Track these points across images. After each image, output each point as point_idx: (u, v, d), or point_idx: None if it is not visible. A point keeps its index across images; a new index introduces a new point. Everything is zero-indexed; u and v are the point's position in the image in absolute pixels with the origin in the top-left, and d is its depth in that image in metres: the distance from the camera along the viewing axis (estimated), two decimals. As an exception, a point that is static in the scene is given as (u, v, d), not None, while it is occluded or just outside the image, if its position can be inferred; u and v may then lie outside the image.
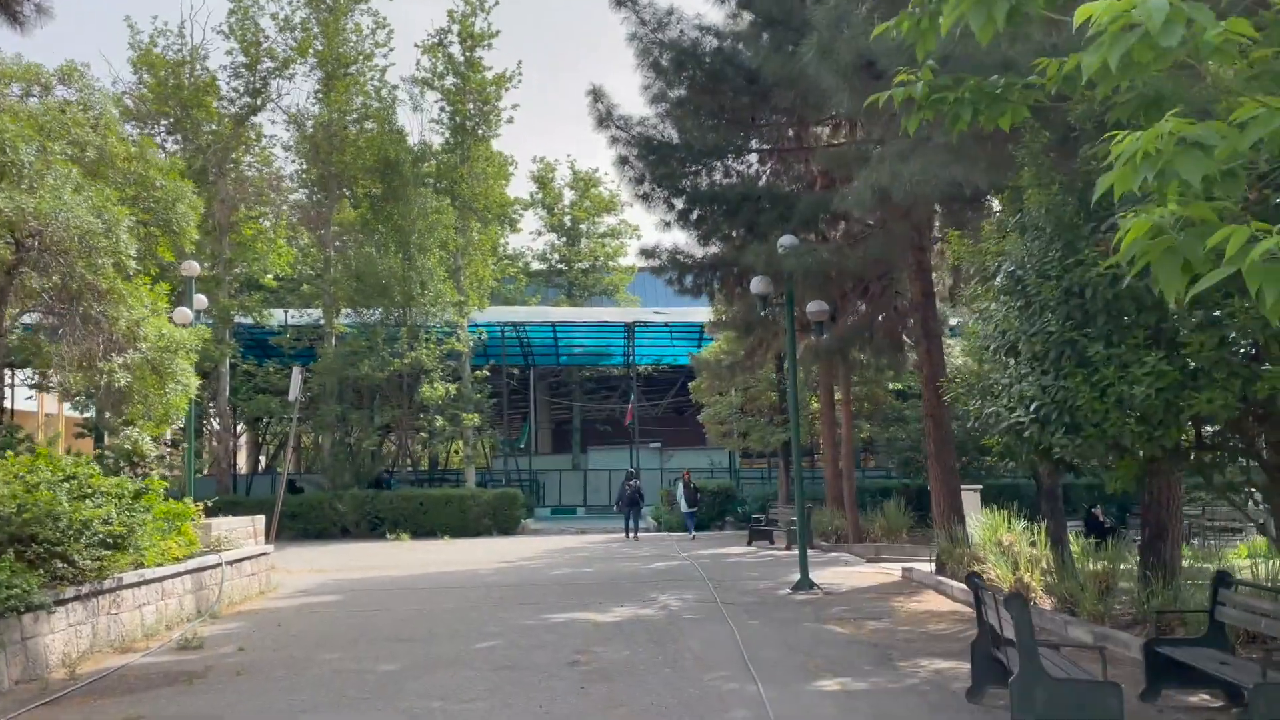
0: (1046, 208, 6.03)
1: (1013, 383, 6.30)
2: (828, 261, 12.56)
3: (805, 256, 12.71)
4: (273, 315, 32.75)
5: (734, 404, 27.78)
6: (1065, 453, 5.80)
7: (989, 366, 7.26)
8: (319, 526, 29.24)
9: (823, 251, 12.75)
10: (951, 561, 14.46)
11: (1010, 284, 6.41)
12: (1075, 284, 5.82)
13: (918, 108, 4.70)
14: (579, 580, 16.04)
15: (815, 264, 12.55)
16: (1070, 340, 5.76)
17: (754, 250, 13.53)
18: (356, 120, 31.98)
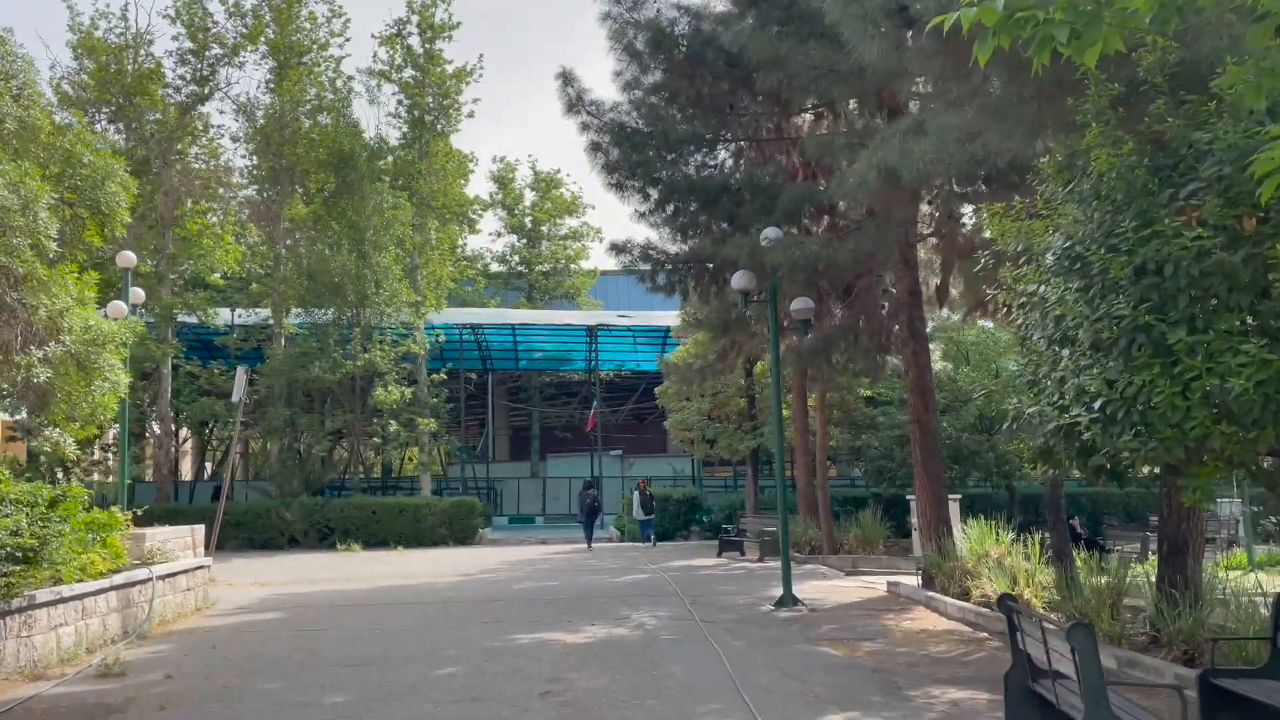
0: (1117, 171, 5.21)
1: (1067, 376, 5.44)
2: (816, 255, 11.72)
3: (792, 249, 11.86)
4: (218, 315, 31.25)
5: (702, 410, 26.90)
6: (1135, 458, 4.97)
7: (1026, 361, 6.41)
8: (265, 536, 27.84)
9: (811, 244, 11.91)
10: (941, 575, 13.66)
11: (1066, 263, 5.57)
12: (1151, 259, 4.99)
13: (992, 33, 3.82)
14: (544, 595, 15.01)
15: (803, 257, 11.70)
16: (1144, 326, 4.93)
17: (736, 243, 12.65)
18: (310, 112, 30.65)
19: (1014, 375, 8.41)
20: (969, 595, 13.08)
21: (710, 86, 15.46)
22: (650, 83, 15.65)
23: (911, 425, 15.02)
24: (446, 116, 32.69)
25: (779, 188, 13.68)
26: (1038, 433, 6.13)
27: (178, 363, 30.07)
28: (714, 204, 14.21)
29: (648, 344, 38.99)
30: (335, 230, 30.00)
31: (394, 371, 29.53)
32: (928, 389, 14.92)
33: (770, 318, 13.17)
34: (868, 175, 8.78)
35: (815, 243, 11.97)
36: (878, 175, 8.72)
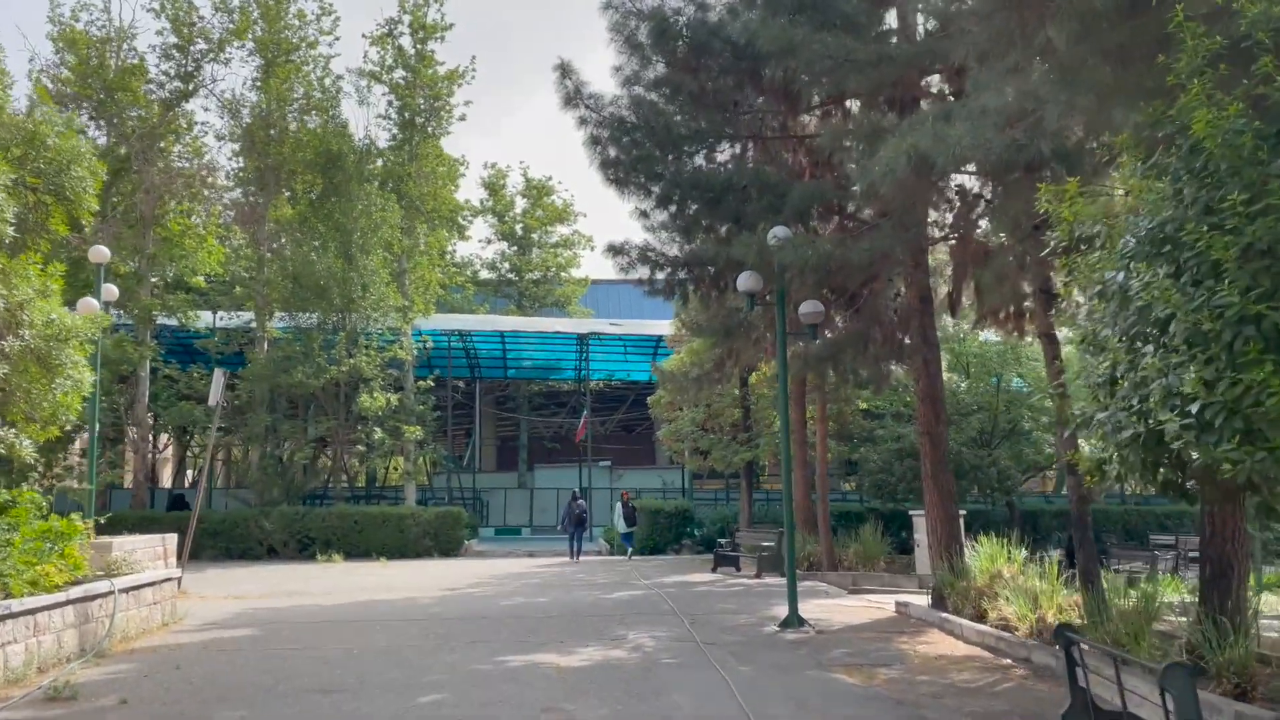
0: (1222, 137, 4.52)
1: (1152, 376, 4.73)
2: (829, 254, 11.02)
3: (803, 249, 11.16)
4: (199, 317, 30.36)
5: (696, 420, 26.16)
6: (1239, 471, 4.27)
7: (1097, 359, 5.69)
8: (243, 546, 26.93)
9: (824, 244, 11.22)
10: (954, 596, 12.93)
11: (1149, 246, 4.87)
12: (1261, 238, 4.30)
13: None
14: (534, 612, 14.20)
15: (815, 257, 11.00)
16: (1253, 316, 4.22)
17: (744, 241, 11.94)
18: (297, 111, 29.89)
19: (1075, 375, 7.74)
20: (985, 617, 12.36)
21: (715, 81, 14.78)
22: (652, 77, 14.96)
23: (921, 437, 14.32)
24: (437, 118, 31.97)
25: (787, 185, 12.99)
26: (1109, 441, 5.41)
27: (156, 366, 29.15)
28: (719, 202, 13.50)
29: (639, 353, 38.28)
30: (321, 232, 29.21)
31: (380, 378, 28.71)
32: (938, 399, 14.22)
33: (779, 321, 12.46)
34: (896, 163, 8.09)
35: (828, 242, 11.29)
36: (907, 163, 8.03)
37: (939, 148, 7.76)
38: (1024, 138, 7.41)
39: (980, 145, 7.56)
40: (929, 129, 7.99)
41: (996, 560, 13.77)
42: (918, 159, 7.99)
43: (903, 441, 23.79)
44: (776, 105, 14.81)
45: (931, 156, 7.85)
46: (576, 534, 26.28)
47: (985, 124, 7.62)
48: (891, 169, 8.22)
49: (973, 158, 7.64)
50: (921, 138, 7.96)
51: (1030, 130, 7.47)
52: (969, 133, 7.59)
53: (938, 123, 7.97)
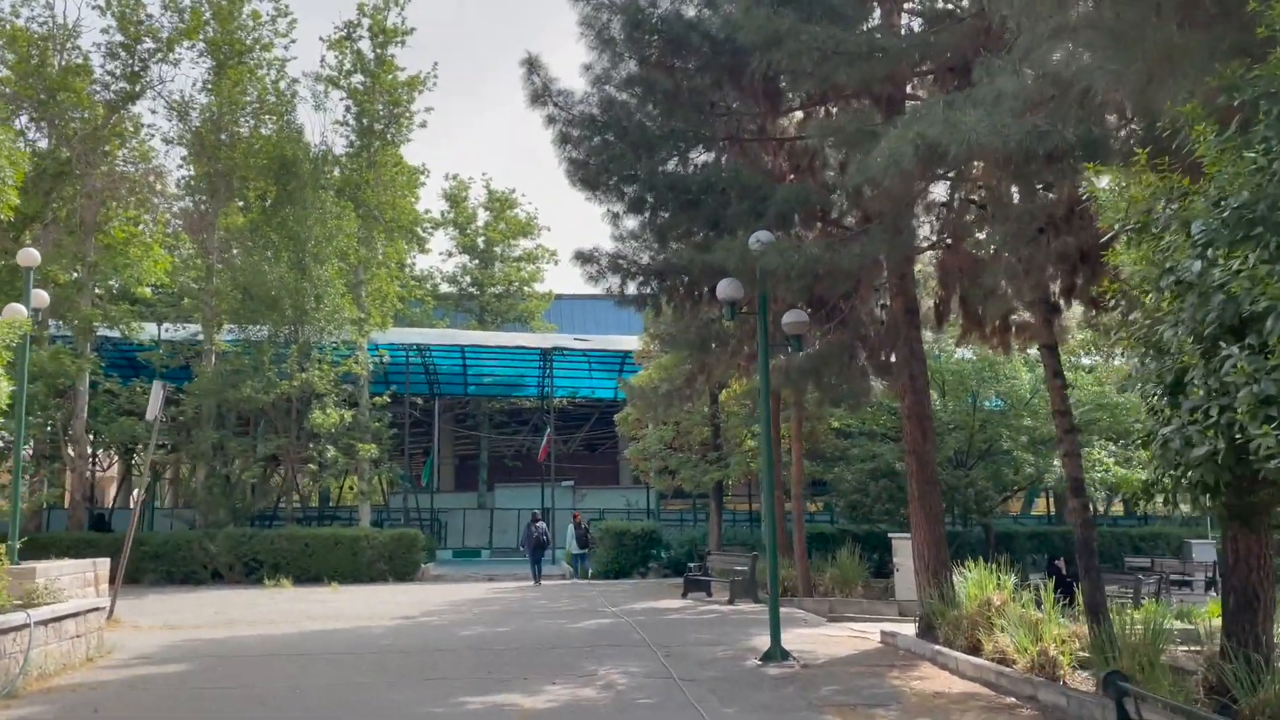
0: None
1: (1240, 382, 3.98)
2: (817, 259, 10.25)
3: (790, 253, 10.38)
4: (143, 329, 28.98)
5: (663, 439, 25.28)
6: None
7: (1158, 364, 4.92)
8: (186, 570, 25.55)
9: (811, 248, 10.46)
10: (945, 625, 12.15)
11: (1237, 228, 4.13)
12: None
13: None
14: (494, 643, 13.20)
15: (802, 262, 10.22)
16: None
17: (725, 246, 11.14)
18: (250, 115, 28.73)
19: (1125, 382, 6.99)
20: (979, 649, 11.59)
21: (691, 79, 14.03)
22: (624, 75, 14.16)
23: (907, 457, 13.58)
24: (397, 125, 30.97)
25: (770, 188, 12.23)
26: (1173, 460, 4.64)
27: (96, 380, 27.70)
28: (696, 205, 12.71)
29: (604, 370, 37.37)
30: (274, 241, 28.00)
31: (333, 393, 27.51)
32: (925, 416, 13.51)
33: (760, 330, 11.65)
34: (901, 153, 7.32)
35: (816, 246, 10.53)
36: (914, 152, 7.28)
37: (951, 135, 7.01)
38: (1046, 124, 6.70)
39: (998, 132, 6.82)
40: (939, 116, 7.24)
41: (985, 587, 13.04)
42: (925, 149, 7.24)
43: (877, 461, 23.14)
44: (755, 106, 14.08)
45: (942, 145, 7.09)
46: (537, 557, 25.97)
47: (1001, 110, 6.91)
48: (895, 160, 7.46)
49: (990, 146, 6.91)
50: (929, 126, 7.21)
51: (1052, 116, 6.77)
52: (984, 119, 6.87)
53: (948, 110, 7.24)
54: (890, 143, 7.59)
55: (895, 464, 22.09)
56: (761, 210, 12.04)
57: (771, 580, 11.85)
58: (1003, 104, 6.99)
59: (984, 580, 13.18)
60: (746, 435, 25.12)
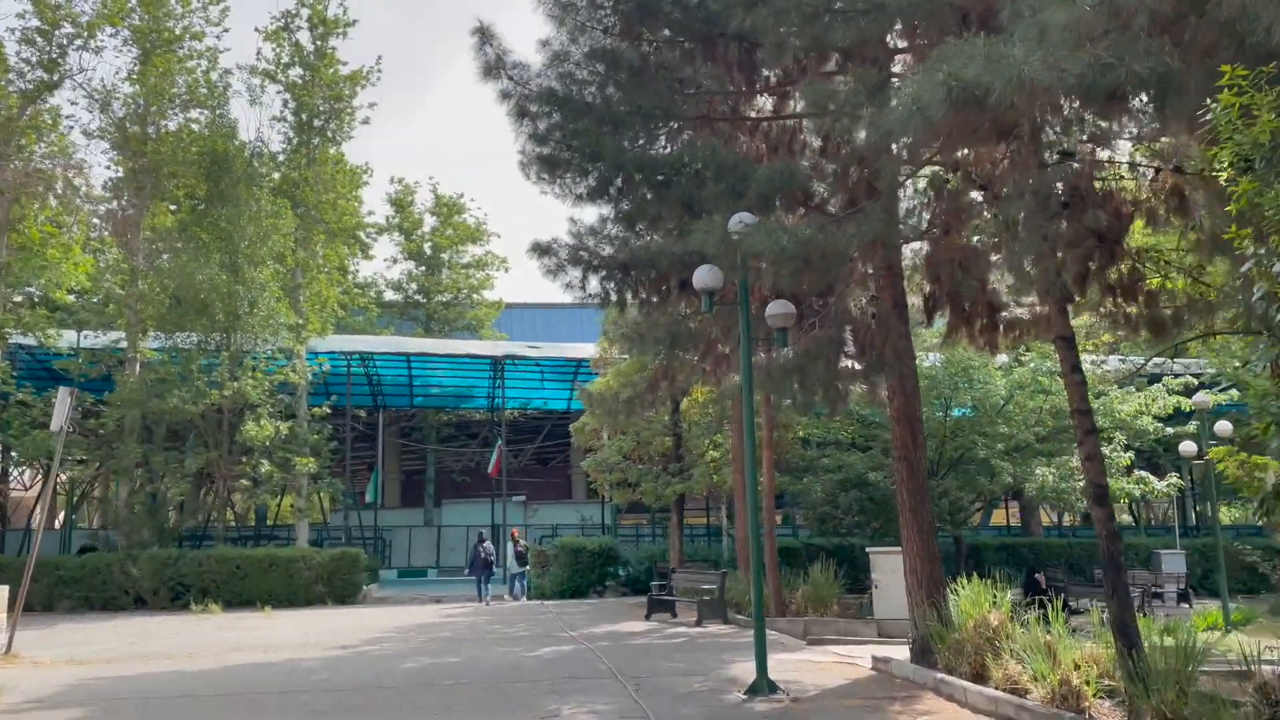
0: None
1: None
2: (808, 241, 9.07)
3: (778, 234, 9.18)
4: (61, 336, 26.94)
5: (622, 449, 23.97)
6: None
7: None
8: (106, 595, 23.63)
9: (802, 229, 9.27)
10: (945, 650, 10.98)
11: None
12: None
13: None
14: (444, 677, 11.74)
15: (793, 244, 9.02)
16: None
17: (703, 228, 9.89)
18: (178, 107, 26.94)
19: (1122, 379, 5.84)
20: (985, 676, 10.44)
21: (659, 53, 12.85)
22: (587, 49, 12.90)
23: (896, 464, 12.45)
24: (339, 119, 29.36)
25: (750, 167, 11.04)
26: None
27: (7, 390, 25.60)
28: (668, 186, 11.48)
29: (556, 380, 35.96)
30: (204, 242, 26.19)
31: (268, 404, 25.77)
32: (916, 419, 12.39)
33: (742, 321, 10.42)
34: (928, 99, 6.14)
35: (808, 227, 9.34)
36: (946, 95, 6.12)
37: (995, 72, 5.85)
38: (1110, 56, 5.61)
39: (1052, 67, 5.70)
40: (978, 52, 6.08)
41: (981, 605, 11.95)
42: (960, 91, 6.09)
43: (846, 471, 22.08)
44: (729, 82, 12.92)
45: (982, 85, 5.94)
46: (485, 577, 25.13)
47: (1050, 45, 5.80)
48: (921, 108, 6.30)
49: (1044, 82, 5.77)
50: (965, 65, 6.06)
51: (1114, 49, 5.67)
52: (1034, 52, 5.73)
53: (990, 45, 6.10)
54: (914, 88, 6.43)
55: (867, 474, 21.06)
56: (741, 190, 10.84)
57: (756, 604, 10.58)
58: (1050, 38, 5.89)
59: (979, 598, 12.10)
60: (709, 446, 23.94)
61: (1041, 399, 21.50)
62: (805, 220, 11.36)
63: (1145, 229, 9.99)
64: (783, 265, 9.21)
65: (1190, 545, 28.41)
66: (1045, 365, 20.38)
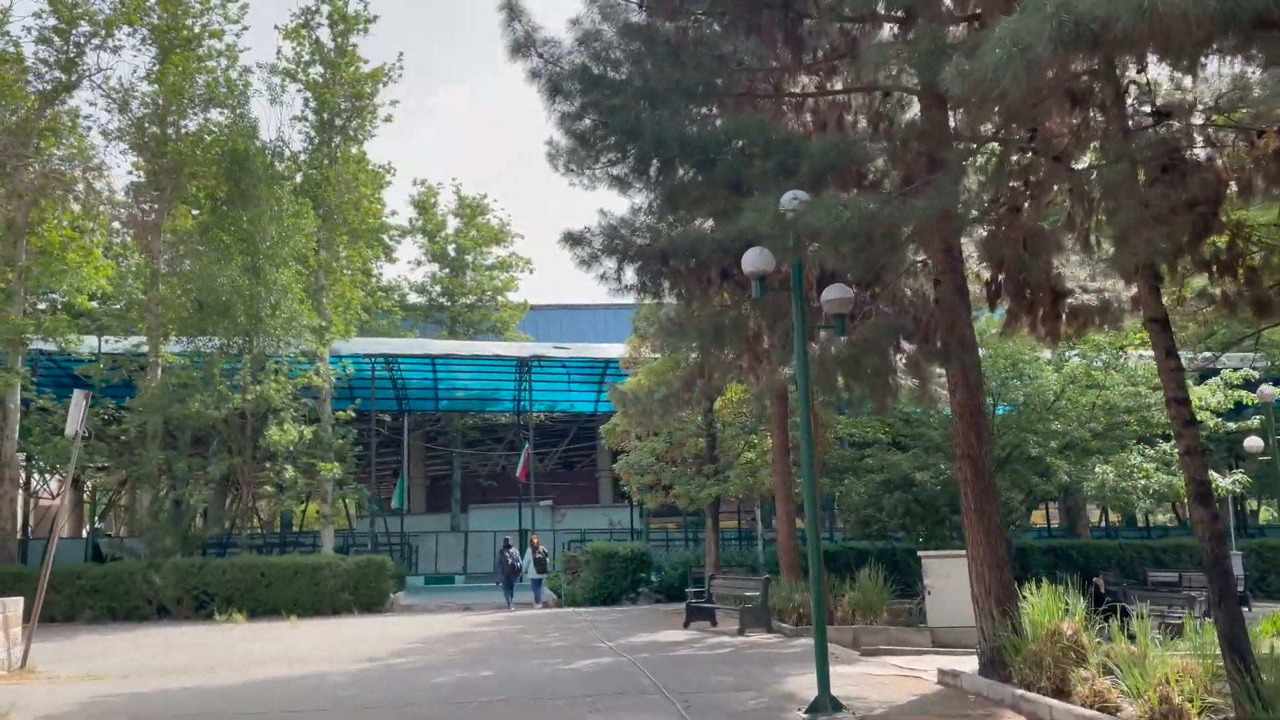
0: None
1: None
2: (873, 217, 8.24)
3: (839, 210, 8.35)
4: (82, 341, 26.48)
5: (655, 451, 23.18)
6: None
7: None
8: (129, 605, 23.04)
9: (865, 203, 8.43)
10: (1022, 663, 10.10)
11: None
12: None
13: None
14: (477, 693, 10.99)
15: (857, 220, 8.20)
16: None
17: (755, 205, 9.07)
18: (198, 107, 26.43)
19: None
20: (1066, 691, 9.58)
21: (698, 28, 12.08)
22: (620, 25, 12.14)
23: (959, 463, 11.58)
24: (360, 118, 28.76)
25: (802, 143, 10.24)
26: None
27: (28, 396, 25.16)
28: (712, 164, 10.69)
29: (584, 382, 35.23)
30: (225, 243, 25.65)
31: (292, 408, 25.17)
32: (980, 414, 11.54)
33: (795, 307, 9.58)
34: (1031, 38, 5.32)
35: (871, 201, 8.51)
36: (1055, 33, 5.27)
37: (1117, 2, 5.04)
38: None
39: (1182, -1, 4.88)
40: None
41: (1052, 613, 11.08)
42: (1072, 26, 5.24)
43: (890, 471, 21.17)
44: (774, 59, 12.11)
45: (1100, 18, 5.12)
46: (509, 583, 24.92)
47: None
48: (1022, 49, 5.46)
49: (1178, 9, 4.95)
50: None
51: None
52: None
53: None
54: (1014, 27, 5.60)
55: (913, 474, 20.14)
56: (793, 167, 10.03)
57: (817, 612, 9.74)
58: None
59: (1050, 606, 11.23)
60: (745, 447, 23.11)
61: (1094, 394, 20.51)
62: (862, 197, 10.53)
63: (1238, 200, 9.09)
64: (843, 243, 8.39)
65: (1246, 546, 27.24)
66: (1102, 358, 19.41)
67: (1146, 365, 21.10)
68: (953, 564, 16.31)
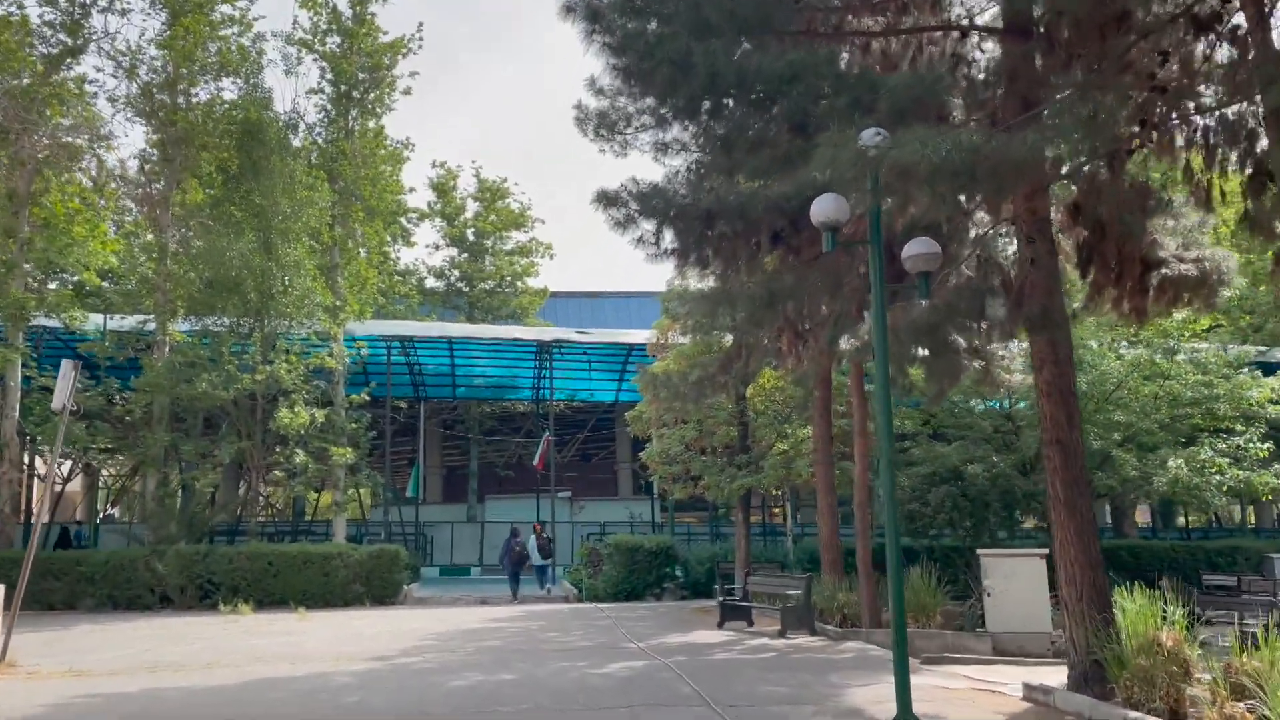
0: None
1: None
2: (978, 152, 6.93)
3: (937, 144, 7.04)
4: (87, 318, 25.41)
5: (684, 439, 21.88)
6: None
7: None
8: (130, 594, 21.98)
9: (967, 135, 7.13)
10: (1130, 679, 8.75)
11: None
12: None
13: None
14: (498, 704, 9.74)
15: (959, 156, 6.89)
16: None
17: (832, 143, 7.74)
18: (210, 75, 25.28)
19: None
20: (1183, 714, 8.26)
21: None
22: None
23: (1047, 449, 10.22)
24: (378, 89, 27.53)
25: (879, 78, 8.92)
26: None
27: (29, 374, 24.10)
28: (773, 102, 9.38)
29: (605, 369, 33.97)
30: (236, 217, 24.49)
31: (303, 390, 24.02)
32: (1070, 393, 10.19)
33: (873, 261, 8.24)
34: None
35: (975, 134, 7.20)
36: None
37: None
38: None
39: None
40: None
41: (1148, 622, 9.74)
42: None
43: (936, 464, 19.78)
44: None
45: None
46: (516, 573, 24.46)
47: None
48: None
49: None
50: None
51: None
52: None
53: None
54: None
55: (963, 467, 18.77)
56: (869, 104, 8.72)
57: (897, 615, 8.40)
58: None
59: (1147, 613, 9.89)
60: (778, 437, 21.78)
61: (1156, 384, 19.07)
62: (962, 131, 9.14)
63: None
64: (941, 181, 7.07)
65: (1303, 550, 25.67)
66: (1172, 342, 17.99)
67: (1217, 355, 19.64)
68: (1014, 563, 14.98)
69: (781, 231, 11.51)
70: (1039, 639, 14.27)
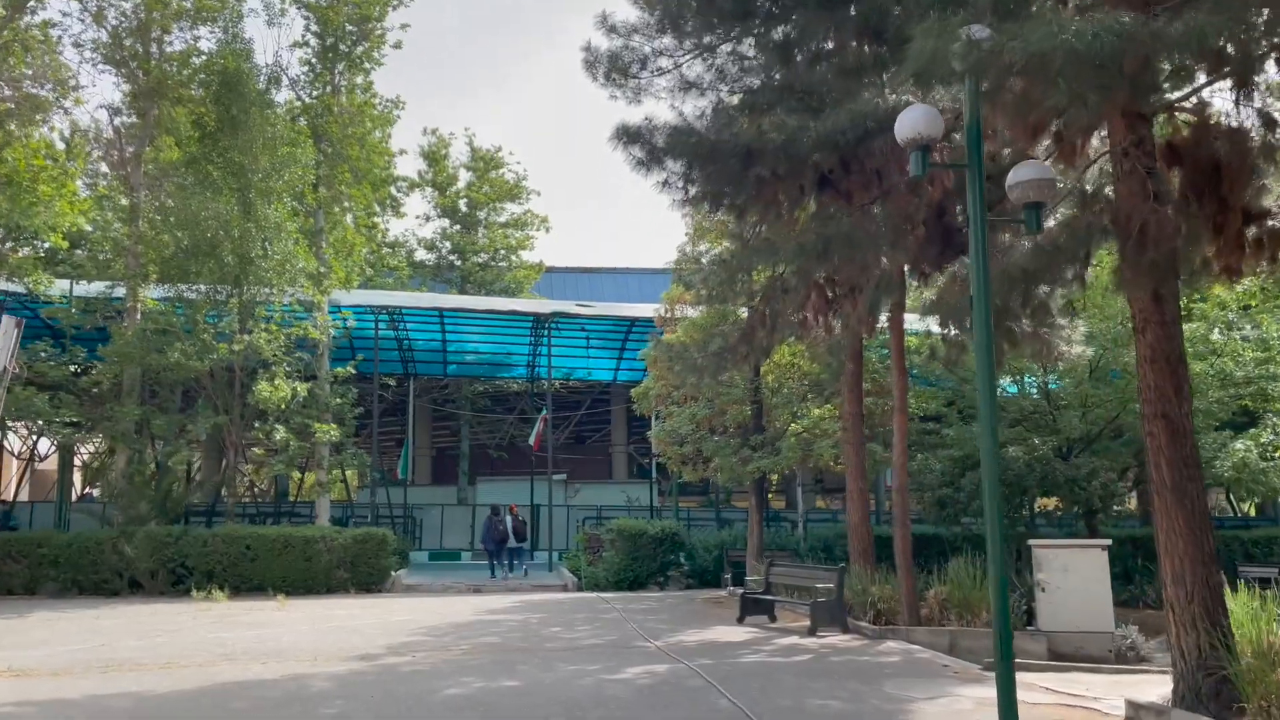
0: None
1: None
2: (1131, 37, 5.38)
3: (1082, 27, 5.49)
4: (53, 283, 23.71)
5: (695, 418, 20.34)
6: None
7: None
8: (97, 578, 20.42)
9: (1119, 17, 5.57)
10: (1262, 698, 7.29)
11: None
12: None
13: None
14: (501, 713, 8.21)
15: (1107, 42, 5.35)
16: None
17: (933, 33, 6.16)
18: (185, 21, 23.50)
19: None
20: (1340, 743, 6.81)
21: None
22: None
23: (1149, 423, 8.71)
24: (367, 41, 25.77)
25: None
26: None
27: (-12, 342, 22.35)
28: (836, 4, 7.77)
29: (603, 346, 32.38)
30: (213, 176, 22.76)
31: (284, 362, 22.37)
32: (1180, 360, 8.70)
33: (971, 186, 6.69)
34: None
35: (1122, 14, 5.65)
36: None
37: None
38: None
39: None
40: None
41: (1260, 622, 8.34)
42: None
43: (969, 447, 18.34)
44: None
45: None
46: (498, 553, 23.72)
47: None
48: None
49: None
50: None
51: None
52: None
53: None
54: None
55: (1003, 449, 17.29)
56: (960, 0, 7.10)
57: (1002, 617, 6.90)
58: None
59: (1260, 613, 8.50)
60: (791, 417, 20.27)
61: (1208, 362, 17.63)
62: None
63: None
64: (1081, 79, 5.48)
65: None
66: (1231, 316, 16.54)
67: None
68: (1071, 555, 13.53)
69: (831, 173, 9.94)
70: (1099, 639, 12.85)
